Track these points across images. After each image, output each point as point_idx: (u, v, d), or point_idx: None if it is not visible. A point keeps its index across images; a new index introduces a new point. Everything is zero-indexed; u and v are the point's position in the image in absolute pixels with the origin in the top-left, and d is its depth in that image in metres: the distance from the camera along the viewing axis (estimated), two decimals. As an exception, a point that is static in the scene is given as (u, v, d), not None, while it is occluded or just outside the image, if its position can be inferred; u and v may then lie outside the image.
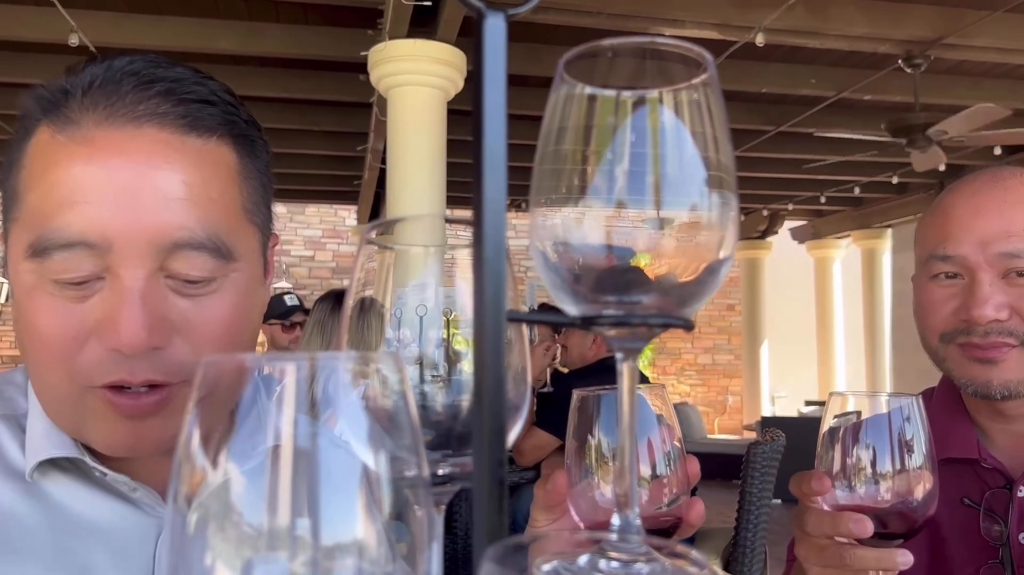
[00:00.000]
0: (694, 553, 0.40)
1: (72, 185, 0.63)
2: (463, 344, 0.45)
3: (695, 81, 0.40)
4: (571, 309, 0.40)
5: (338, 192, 9.94)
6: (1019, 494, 1.00)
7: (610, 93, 0.40)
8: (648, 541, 0.37)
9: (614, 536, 0.38)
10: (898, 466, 0.74)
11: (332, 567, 0.31)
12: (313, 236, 11.75)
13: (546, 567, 0.37)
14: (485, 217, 0.35)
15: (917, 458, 0.74)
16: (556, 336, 3.82)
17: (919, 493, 0.74)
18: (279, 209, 11.50)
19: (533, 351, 3.65)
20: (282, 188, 9.49)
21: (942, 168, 6.78)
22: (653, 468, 0.66)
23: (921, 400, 0.78)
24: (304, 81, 6.25)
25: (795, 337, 11.92)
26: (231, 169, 0.70)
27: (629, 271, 0.39)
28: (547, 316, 0.39)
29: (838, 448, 0.76)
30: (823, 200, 9.79)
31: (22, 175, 0.67)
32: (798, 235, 11.79)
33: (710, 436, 10.72)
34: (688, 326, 0.39)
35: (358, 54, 4.99)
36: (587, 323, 0.38)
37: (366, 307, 0.47)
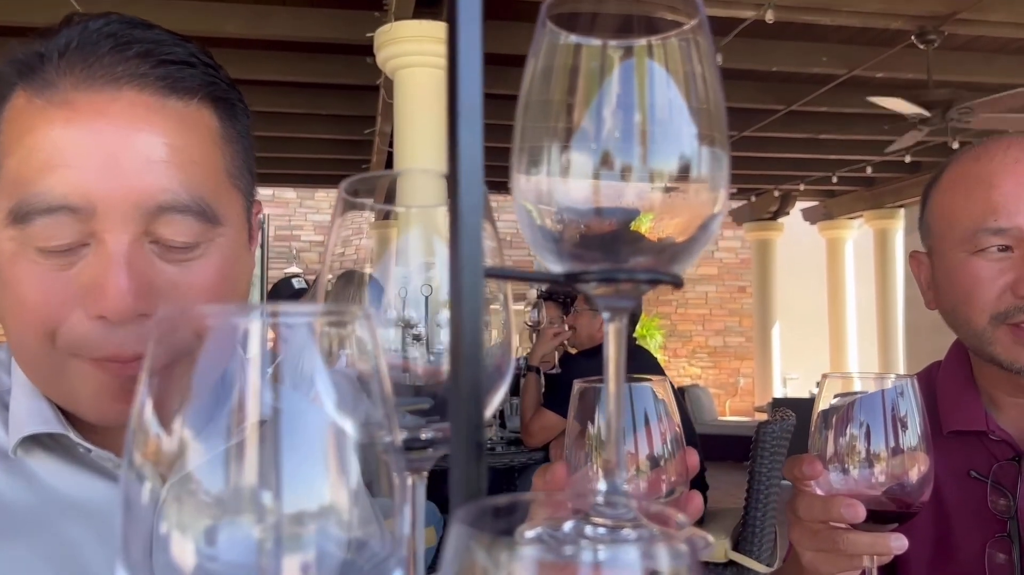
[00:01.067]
0: (681, 516, 0.38)
1: (52, 149, 0.62)
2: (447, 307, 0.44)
3: (684, 28, 0.38)
4: (555, 267, 0.38)
5: (347, 176, 9.92)
6: None
7: (596, 42, 0.38)
8: (637, 505, 0.36)
9: (601, 500, 0.37)
10: (892, 449, 0.72)
11: (298, 532, 0.30)
12: (323, 221, 11.75)
13: (530, 533, 0.36)
14: (460, 170, 0.34)
15: (911, 440, 0.72)
16: (565, 318, 3.81)
17: (913, 476, 0.73)
18: (288, 194, 11.49)
19: (542, 334, 3.64)
20: (291, 173, 9.48)
21: (955, 147, 6.70)
22: (652, 460, 0.65)
23: (916, 382, 0.75)
24: (311, 64, 6.22)
25: (807, 319, 11.86)
26: (213, 132, 0.68)
27: (615, 227, 0.37)
28: (528, 273, 0.37)
29: (831, 431, 0.74)
30: (835, 180, 9.69)
31: (2, 140, 0.66)
32: (810, 216, 11.70)
33: (721, 418, 10.70)
34: (677, 282, 0.37)
35: (364, 36, 4.96)
36: (571, 280, 0.37)
37: (355, 281, 0.46)
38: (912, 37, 5.53)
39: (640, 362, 3.42)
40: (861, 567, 0.79)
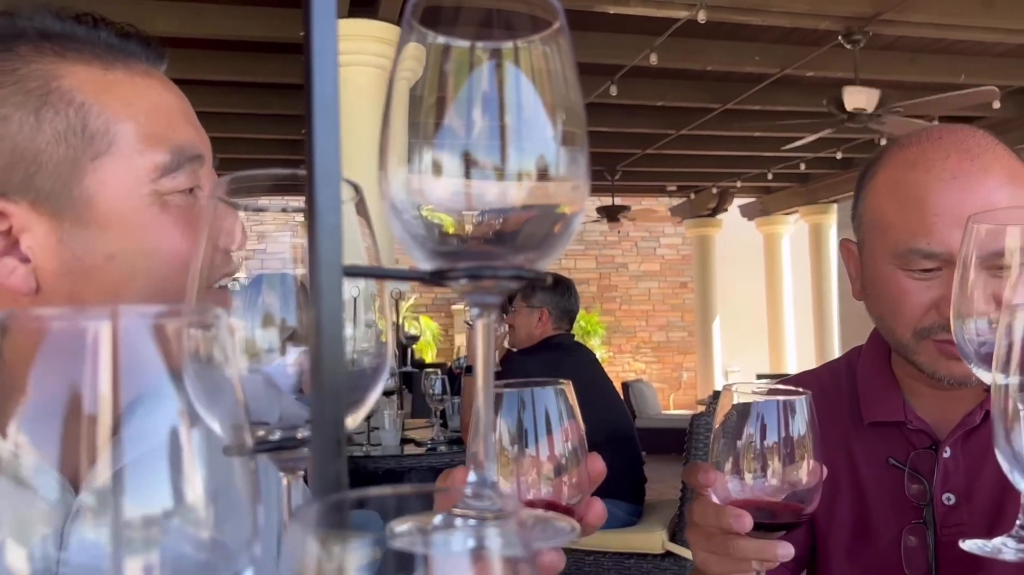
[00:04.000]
0: (558, 516, 0.39)
1: (178, 109, 0.73)
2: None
3: (547, 32, 0.39)
4: (423, 263, 0.38)
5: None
6: (944, 455, 1.00)
7: (463, 43, 0.39)
8: (508, 499, 0.36)
9: (469, 492, 0.37)
10: (784, 461, 0.75)
11: (147, 534, 0.29)
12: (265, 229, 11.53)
13: (400, 528, 0.36)
14: (317, 166, 0.34)
15: (803, 453, 0.75)
16: (504, 317, 3.81)
17: (803, 488, 0.75)
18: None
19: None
20: (230, 174, 9.25)
21: (883, 142, 6.91)
22: (555, 466, 0.66)
23: (810, 396, 0.77)
24: (247, 63, 6.11)
25: (746, 313, 12.11)
26: None
27: (479, 225, 0.38)
28: (392, 271, 0.37)
29: (728, 442, 0.77)
30: (770, 177, 9.91)
31: (93, 111, 0.68)
32: (747, 212, 11.94)
33: (664, 412, 10.85)
34: (540, 279, 0.38)
35: (299, 35, 4.88)
36: (437, 277, 0.37)
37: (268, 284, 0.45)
38: (839, 37, 5.68)
39: (578, 357, 3.45)
40: (749, 570, 0.82)
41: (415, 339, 4.11)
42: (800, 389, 0.77)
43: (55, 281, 0.66)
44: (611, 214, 10.08)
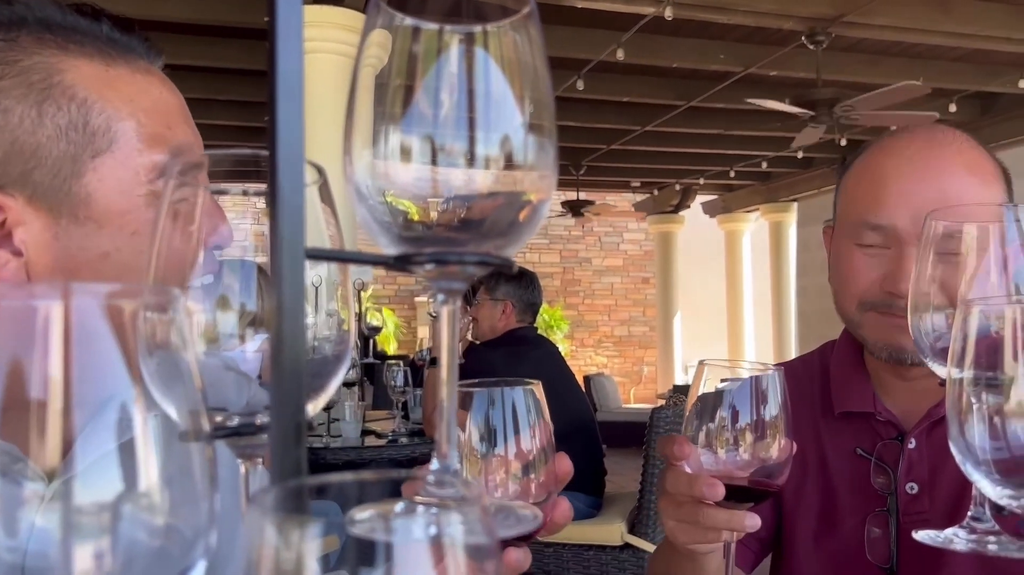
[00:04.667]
0: (522, 504, 0.39)
1: (176, 108, 0.73)
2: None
3: (517, 17, 0.39)
4: (388, 249, 0.38)
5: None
6: (909, 446, 1.02)
7: (432, 26, 0.38)
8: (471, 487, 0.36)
9: (432, 479, 0.37)
10: (756, 436, 0.77)
11: (99, 520, 0.29)
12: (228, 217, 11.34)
13: (360, 515, 0.35)
14: (280, 147, 0.33)
15: (774, 429, 0.77)
16: (468, 309, 3.81)
17: (773, 462, 0.77)
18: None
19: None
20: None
21: (843, 143, 7.03)
22: (523, 466, 0.66)
23: (782, 373, 0.79)
24: (209, 48, 6.01)
25: (707, 308, 12.24)
26: None
27: (445, 210, 0.37)
28: (356, 255, 0.37)
29: (702, 416, 0.78)
30: (732, 175, 10.03)
31: (95, 108, 0.67)
32: (709, 209, 12.06)
33: (625, 405, 10.93)
34: (507, 265, 0.38)
35: (263, 20, 4.81)
36: (401, 262, 0.37)
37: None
38: (803, 38, 5.76)
39: (541, 350, 3.46)
40: (716, 540, 0.83)
41: (377, 330, 4.08)
42: (771, 365, 0.79)
43: (47, 277, 0.65)
44: (575, 209, 10.12)
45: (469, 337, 3.90)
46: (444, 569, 0.26)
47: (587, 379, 10.06)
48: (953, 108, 7.17)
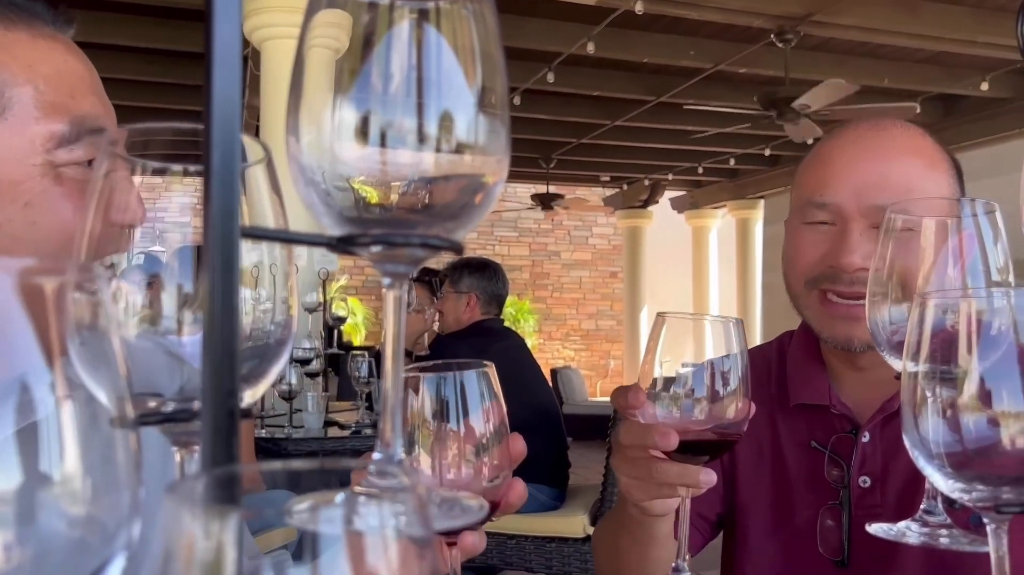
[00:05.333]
0: (467, 495, 0.38)
1: (82, 77, 0.70)
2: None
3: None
4: (332, 230, 0.36)
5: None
6: (863, 439, 1.03)
7: (385, 1, 0.37)
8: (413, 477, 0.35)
9: (374, 470, 0.36)
10: (713, 388, 0.76)
11: (9, 510, 0.27)
12: (190, 203, 11.16)
13: (299, 506, 0.34)
14: (214, 119, 0.32)
15: (732, 382, 0.76)
16: (434, 302, 3.78)
17: (730, 415, 0.76)
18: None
19: (411, 318, 3.60)
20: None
21: (810, 142, 7.10)
22: (476, 447, 0.65)
23: (741, 325, 0.79)
24: (168, 30, 5.88)
25: (674, 303, 12.31)
26: None
27: (392, 191, 0.36)
28: (294, 234, 0.35)
29: (658, 367, 0.77)
30: (701, 171, 10.10)
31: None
32: (677, 205, 12.14)
33: (591, 399, 10.98)
34: (455, 248, 0.36)
35: None
36: (343, 243, 0.35)
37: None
38: (772, 36, 5.81)
39: (507, 342, 3.45)
40: (671, 495, 0.82)
41: (342, 320, 4.04)
42: (731, 317, 0.78)
43: None
44: (545, 202, 10.12)
45: (435, 328, 3.88)
46: (375, 561, 0.25)
47: (554, 372, 10.08)
48: (917, 109, 7.27)
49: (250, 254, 0.39)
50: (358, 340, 9.91)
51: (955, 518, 0.64)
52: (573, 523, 3.06)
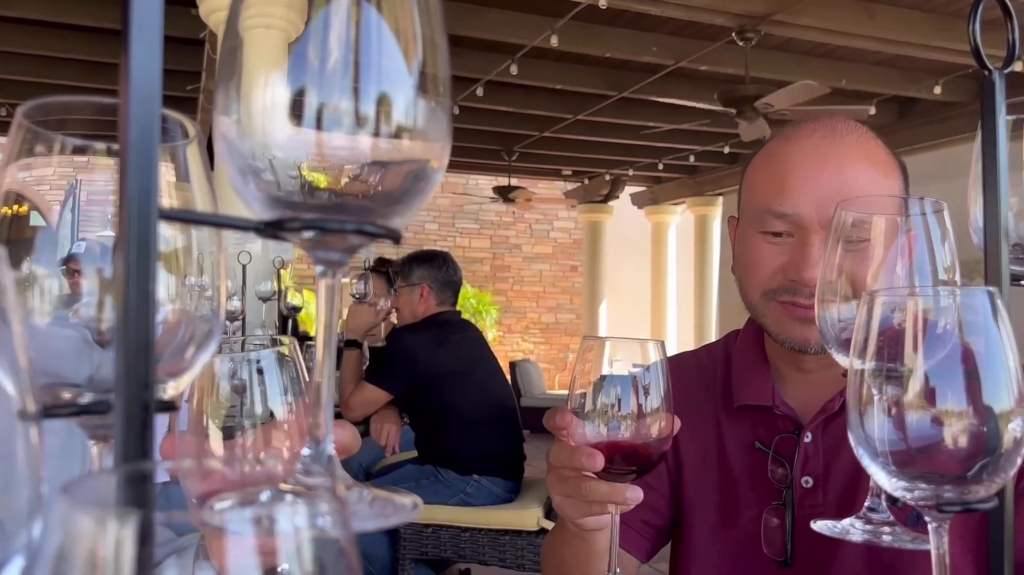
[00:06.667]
0: (399, 492, 0.36)
1: None
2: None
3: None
4: (261, 214, 0.35)
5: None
6: (805, 440, 1.03)
7: (320, -24, 0.35)
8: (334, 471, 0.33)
9: (301, 467, 0.34)
10: (637, 409, 0.78)
11: None
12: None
13: (220, 504, 0.32)
14: (132, 93, 0.30)
15: (654, 402, 0.78)
16: (390, 294, 3.74)
17: (654, 434, 0.78)
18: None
19: (361, 311, 3.55)
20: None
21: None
22: (276, 423, 0.63)
23: (663, 347, 0.80)
24: (74, 4, 5.69)
25: (632, 298, 12.41)
26: None
27: (325, 174, 0.34)
28: (216, 217, 0.33)
29: (586, 388, 0.79)
30: (661, 167, 10.16)
31: None
32: (638, 200, 12.21)
33: (549, 391, 11.01)
34: (392, 236, 0.35)
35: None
36: (272, 228, 0.33)
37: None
38: (733, 34, 5.85)
39: (464, 334, 3.43)
40: (602, 513, 0.84)
41: (297, 310, 3.99)
42: (652, 339, 0.81)
43: None
44: (504, 194, 10.10)
45: (394, 319, 3.84)
46: (284, 560, 0.23)
47: (513, 365, 10.08)
48: (872, 111, 7.40)
49: (176, 238, 0.37)
50: (314, 331, 9.79)
51: (898, 516, 0.64)
52: (527, 516, 3.05)
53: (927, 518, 0.51)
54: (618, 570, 0.81)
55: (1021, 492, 0.92)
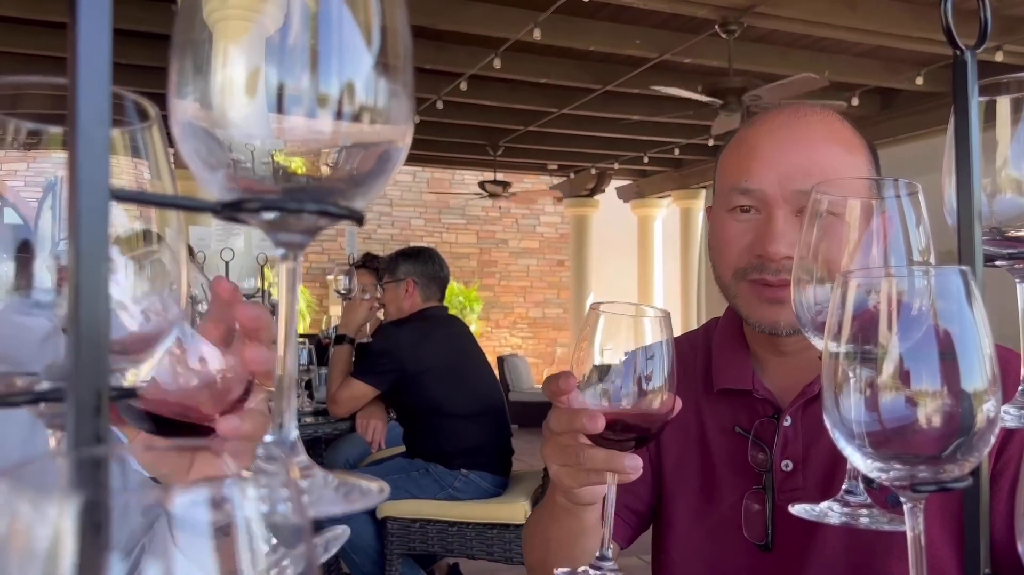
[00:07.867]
0: (367, 478, 0.36)
1: None
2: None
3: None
4: (222, 196, 0.34)
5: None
6: (785, 423, 1.03)
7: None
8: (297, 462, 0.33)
9: (262, 453, 0.33)
10: (640, 379, 0.77)
11: None
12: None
13: (182, 498, 0.32)
14: (80, 70, 0.29)
15: (657, 374, 0.77)
16: (379, 289, 3.73)
17: (655, 405, 0.77)
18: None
19: (353, 304, 3.55)
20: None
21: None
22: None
23: (669, 320, 0.79)
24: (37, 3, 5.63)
25: (619, 291, 12.43)
26: None
27: (284, 155, 0.34)
28: (171, 198, 0.33)
29: (590, 356, 0.78)
30: (646, 160, 10.17)
31: None
32: (623, 194, 12.22)
33: (537, 386, 11.03)
34: (355, 217, 0.34)
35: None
36: (230, 209, 0.33)
37: None
38: (716, 27, 5.86)
39: (450, 329, 3.42)
40: (598, 482, 0.83)
41: (283, 307, 3.96)
42: (660, 308, 0.79)
43: None
44: (491, 190, 10.08)
45: (381, 316, 3.83)
46: (237, 549, 0.23)
47: (500, 360, 10.09)
48: (855, 102, 7.43)
49: (135, 222, 0.37)
50: (301, 327, 9.78)
51: (875, 497, 0.64)
52: (515, 509, 3.06)
53: (902, 498, 0.51)
54: (611, 545, 0.78)
55: (997, 472, 0.92)
